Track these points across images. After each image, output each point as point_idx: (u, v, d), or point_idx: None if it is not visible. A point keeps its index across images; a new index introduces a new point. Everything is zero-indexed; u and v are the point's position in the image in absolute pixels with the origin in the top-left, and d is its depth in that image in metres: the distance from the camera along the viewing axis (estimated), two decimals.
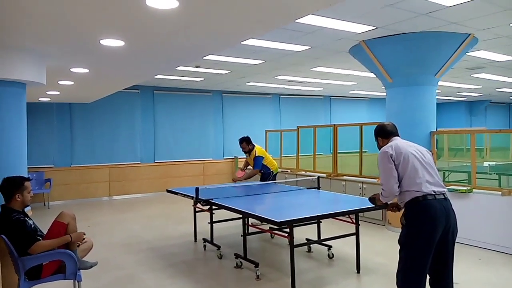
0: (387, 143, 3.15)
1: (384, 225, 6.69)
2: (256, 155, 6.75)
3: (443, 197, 2.90)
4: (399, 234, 3.00)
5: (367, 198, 3.46)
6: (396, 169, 2.95)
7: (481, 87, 12.54)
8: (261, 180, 6.86)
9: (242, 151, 6.99)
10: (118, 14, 3.08)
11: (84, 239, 3.62)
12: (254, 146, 6.88)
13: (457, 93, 14.35)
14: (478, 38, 6.11)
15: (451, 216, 2.90)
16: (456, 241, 2.98)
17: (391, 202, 3.22)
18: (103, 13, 3.05)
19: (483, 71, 9.42)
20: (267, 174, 6.86)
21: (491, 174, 7.29)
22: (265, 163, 6.84)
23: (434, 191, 2.87)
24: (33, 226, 3.50)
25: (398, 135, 3.24)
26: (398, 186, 2.95)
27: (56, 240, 3.40)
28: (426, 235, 2.81)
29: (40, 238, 3.47)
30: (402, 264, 2.92)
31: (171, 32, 3.62)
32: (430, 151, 3.21)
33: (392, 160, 2.96)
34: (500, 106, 18.74)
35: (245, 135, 6.98)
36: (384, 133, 3.25)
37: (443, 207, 2.86)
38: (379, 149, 3.21)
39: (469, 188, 5.58)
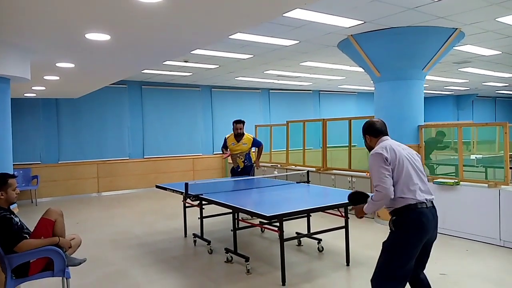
0: (376, 142, 3.00)
1: (373, 218, 6.75)
2: (252, 139, 6.80)
3: (431, 205, 2.83)
4: (387, 226, 2.92)
5: (348, 194, 3.16)
6: (392, 175, 2.78)
7: (468, 81, 12.68)
8: (244, 173, 6.81)
9: (236, 132, 6.74)
10: (104, 8, 3.03)
11: (70, 246, 3.57)
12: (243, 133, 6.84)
13: (445, 87, 14.50)
14: (465, 33, 6.16)
15: (436, 224, 2.87)
16: (444, 233, 2.98)
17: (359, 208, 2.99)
18: (89, 6, 3.00)
19: (469, 65, 9.52)
20: (249, 167, 6.84)
21: (478, 167, 7.38)
22: (250, 155, 6.87)
23: (426, 199, 2.78)
24: (19, 223, 3.45)
25: (387, 134, 3.06)
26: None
27: (43, 240, 3.35)
28: (415, 244, 2.75)
29: (27, 236, 3.42)
30: (383, 269, 2.79)
31: (157, 26, 3.59)
32: (419, 155, 3.06)
33: (388, 163, 2.78)
34: (486, 100, 18.99)
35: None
36: (373, 131, 3.04)
37: (433, 216, 2.81)
38: (367, 147, 3.10)
39: (456, 180, 5.65)
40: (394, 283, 2.74)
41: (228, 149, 6.85)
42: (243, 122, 6.83)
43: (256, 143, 6.90)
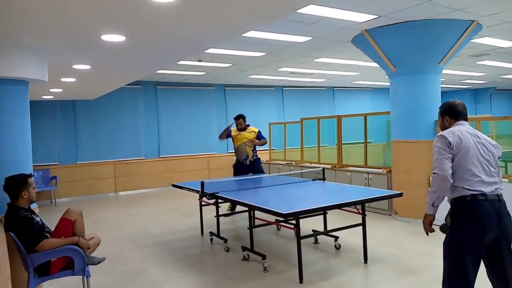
0: (452, 125, 2.82)
1: (391, 215, 6.67)
2: (258, 130, 7.07)
3: (497, 198, 2.59)
4: (405, 223, 2.85)
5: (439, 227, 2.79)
6: (451, 159, 2.61)
7: (485, 74, 12.43)
8: (252, 167, 7.02)
9: (238, 127, 7.09)
10: (119, 9, 3.06)
11: (89, 247, 3.63)
12: (249, 124, 7.15)
13: (462, 81, 14.23)
14: (482, 25, 6.03)
15: (505, 220, 2.59)
16: None
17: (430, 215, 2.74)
18: (104, 8, 3.03)
19: (487, 58, 9.33)
20: (258, 161, 7.16)
21: None
22: (256, 149, 7.13)
23: (485, 191, 2.56)
24: (40, 223, 3.53)
25: (466, 120, 2.85)
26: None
27: (63, 239, 3.42)
28: (473, 237, 2.53)
29: (48, 235, 3.50)
30: (447, 268, 2.64)
31: (171, 25, 3.60)
32: (499, 146, 2.79)
33: (451, 148, 2.61)
34: (505, 93, 18.57)
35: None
36: (454, 113, 2.84)
37: (495, 209, 2.55)
38: (442, 129, 2.87)
39: None
40: (459, 281, 2.56)
41: (232, 139, 7.18)
42: (242, 117, 7.08)
43: (260, 136, 7.07)
